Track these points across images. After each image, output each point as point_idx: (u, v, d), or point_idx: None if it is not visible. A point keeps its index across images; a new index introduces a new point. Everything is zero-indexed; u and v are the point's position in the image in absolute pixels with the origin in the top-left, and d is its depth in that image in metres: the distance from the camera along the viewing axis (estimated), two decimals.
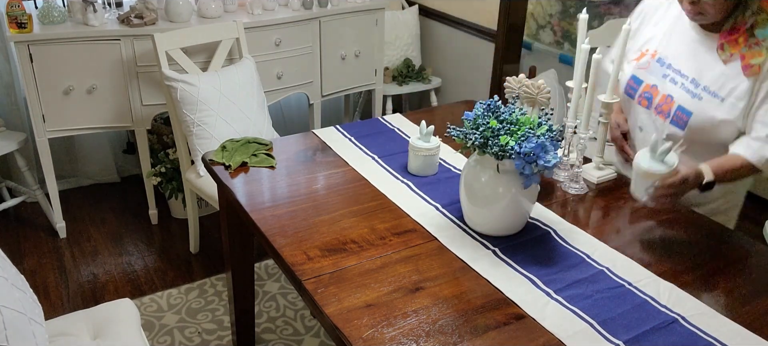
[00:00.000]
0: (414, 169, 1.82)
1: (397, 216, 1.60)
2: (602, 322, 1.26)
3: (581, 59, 1.73)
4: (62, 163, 3.27)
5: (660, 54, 1.77)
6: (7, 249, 2.79)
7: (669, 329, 1.24)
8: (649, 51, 1.81)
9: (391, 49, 3.70)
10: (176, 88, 2.40)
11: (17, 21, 2.46)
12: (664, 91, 1.74)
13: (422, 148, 1.78)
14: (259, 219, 1.57)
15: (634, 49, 1.85)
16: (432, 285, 1.35)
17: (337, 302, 1.28)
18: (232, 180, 1.77)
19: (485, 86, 3.45)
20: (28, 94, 2.57)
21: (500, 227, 1.51)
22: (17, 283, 1.34)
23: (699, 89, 1.66)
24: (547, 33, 3.85)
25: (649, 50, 1.80)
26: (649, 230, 1.62)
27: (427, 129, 1.78)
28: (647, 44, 1.82)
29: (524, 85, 1.81)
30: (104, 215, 3.14)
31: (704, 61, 1.67)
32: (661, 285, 1.37)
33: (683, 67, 1.71)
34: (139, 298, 2.52)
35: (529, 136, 1.37)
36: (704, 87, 1.65)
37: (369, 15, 3.23)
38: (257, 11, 2.91)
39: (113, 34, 2.60)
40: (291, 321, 2.44)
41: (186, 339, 2.33)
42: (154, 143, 3.02)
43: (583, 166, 1.82)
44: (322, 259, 1.41)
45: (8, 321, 1.20)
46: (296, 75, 3.07)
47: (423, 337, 1.20)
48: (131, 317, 1.71)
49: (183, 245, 2.90)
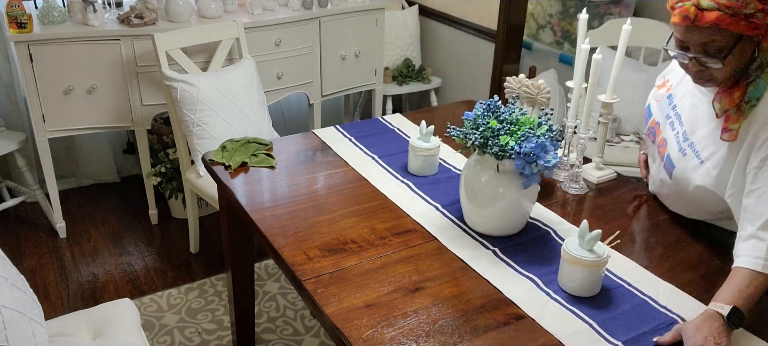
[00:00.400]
0: (414, 169, 1.82)
1: (397, 216, 1.60)
2: (601, 322, 1.26)
3: (581, 59, 1.73)
4: (62, 163, 3.27)
5: (673, 91, 1.63)
6: (7, 249, 2.79)
7: (669, 330, 1.24)
8: (668, 82, 1.68)
9: (391, 49, 3.70)
10: (176, 88, 2.40)
11: (17, 21, 2.46)
12: (663, 133, 1.63)
13: (422, 148, 1.78)
14: (259, 219, 1.57)
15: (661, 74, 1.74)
16: (432, 285, 1.35)
17: (337, 302, 1.28)
18: (232, 180, 1.77)
19: (485, 86, 3.45)
20: (28, 94, 2.57)
21: (500, 227, 1.51)
22: (17, 283, 1.34)
23: (686, 144, 1.52)
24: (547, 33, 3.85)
25: (668, 82, 1.67)
26: (649, 230, 1.62)
27: (427, 129, 1.79)
28: (670, 73, 1.69)
29: (524, 85, 1.82)
30: (104, 215, 3.14)
31: (700, 113, 1.50)
32: (661, 286, 1.37)
33: (683, 114, 1.56)
34: (139, 298, 2.52)
35: (529, 136, 1.37)
36: (691, 143, 1.51)
37: (369, 15, 3.23)
38: (257, 11, 2.91)
39: (113, 34, 2.60)
40: (291, 321, 2.44)
41: (186, 339, 2.33)
42: (154, 143, 3.02)
43: (583, 166, 1.82)
44: (322, 259, 1.41)
45: (8, 321, 1.20)
46: (296, 75, 3.07)
47: (423, 337, 1.20)
48: (131, 317, 1.71)
49: (183, 245, 2.90)
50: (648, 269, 1.43)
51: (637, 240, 1.56)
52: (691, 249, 1.52)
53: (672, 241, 1.56)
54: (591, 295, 1.34)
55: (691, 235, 1.59)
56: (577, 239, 1.34)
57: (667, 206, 1.68)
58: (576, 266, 1.31)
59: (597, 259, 1.30)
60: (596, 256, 1.30)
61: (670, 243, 1.55)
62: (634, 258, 1.47)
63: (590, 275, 1.31)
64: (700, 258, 1.49)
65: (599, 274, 1.33)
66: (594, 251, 1.31)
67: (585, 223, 1.32)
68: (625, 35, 1.66)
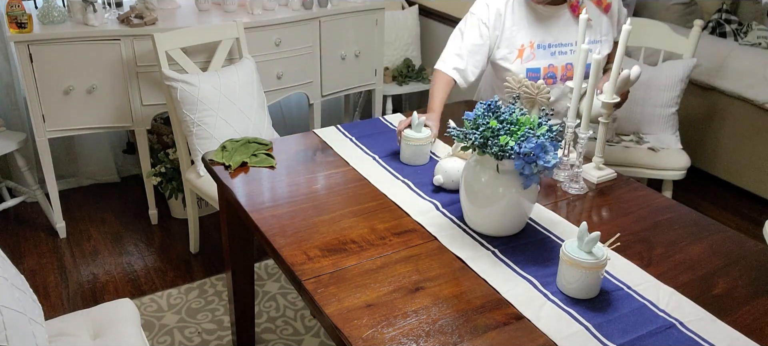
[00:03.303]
0: (405, 159, 1.87)
1: (397, 216, 1.60)
2: (597, 325, 1.26)
3: (581, 59, 1.73)
4: (62, 163, 3.27)
5: (537, 42, 2.08)
6: (7, 249, 2.79)
7: (666, 334, 1.24)
8: (524, 46, 2.09)
9: (391, 49, 3.70)
10: (176, 88, 2.40)
11: (17, 21, 2.46)
12: (562, 63, 2.10)
13: (413, 138, 1.83)
14: (259, 219, 1.57)
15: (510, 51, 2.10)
16: (432, 285, 1.35)
17: (337, 302, 1.28)
18: (232, 180, 1.77)
19: None
20: (28, 94, 2.57)
21: (500, 227, 1.51)
22: (17, 283, 1.34)
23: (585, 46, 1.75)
24: None
25: (525, 44, 2.09)
26: (649, 230, 1.62)
27: (419, 120, 1.84)
28: (517, 41, 2.09)
29: (524, 85, 1.82)
30: (104, 215, 3.14)
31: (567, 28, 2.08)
32: (661, 289, 1.37)
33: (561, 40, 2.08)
34: (139, 298, 2.52)
35: (529, 137, 1.37)
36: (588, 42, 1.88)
37: (369, 15, 3.23)
38: (257, 11, 2.91)
39: (113, 34, 2.60)
40: (291, 321, 2.44)
41: (186, 339, 2.33)
42: (154, 143, 3.02)
43: (583, 166, 1.82)
44: (322, 259, 1.42)
45: (8, 321, 1.20)
46: (296, 75, 3.07)
47: (423, 337, 1.20)
48: (131, 317, 1.71)
49: (183, 245, 2.90)
50: (647, 270, 1.43)
51: (637, 240, 1.56)
52: (691, 249, 1.53)
53: (672, 241, 1.56)
54: (589, 297, 1.33)
55: (691, 235, 1.59)
56: (576, 240, 1.33)
57: None
58: (574, 268, 1.31)
59: (596, 261, 1.29)
60: (595, 258, 1.29)
61: (670, 243, 1.55)
62: (634, 259, 1.47)
63: (589, 277, 1.31)
64: (699, 258, 1.49)
65: (598, 276, 1.32)
66: (593, 253, 1.30)
67: (584, 225, 1.31)
68: (625, 35, 1.67)
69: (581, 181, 1.79)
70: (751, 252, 1.52)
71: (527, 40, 2.09)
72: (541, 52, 2.10)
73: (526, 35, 2.10)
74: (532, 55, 2.09)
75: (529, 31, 2.09)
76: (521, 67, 2.10)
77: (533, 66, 2.10)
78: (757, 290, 1.39)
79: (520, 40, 2.09)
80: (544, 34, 2.09)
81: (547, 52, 2.10)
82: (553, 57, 2.10)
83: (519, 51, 2.09)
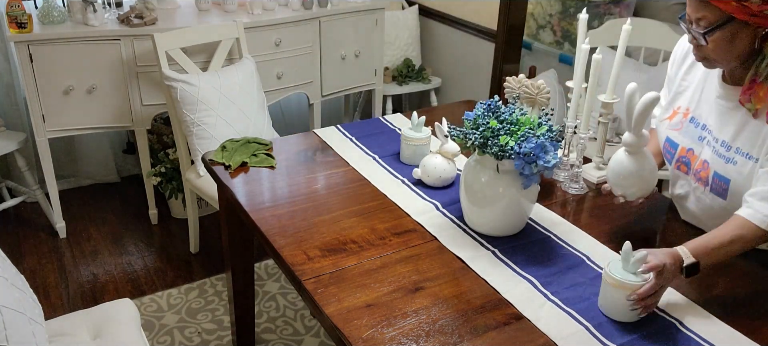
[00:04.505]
0: (405, 159, 1.88)
1: (397, 216, 1.60)
2: (597, 325, 1.26)
3: (581, 59, 1.73)
4: (62, 164, 3.27)
5: (693, 113, 1.57)
6: (7, 249, 2.79)
7: (666, 334, 1.24)
8: (680, 109, 1.61)
9: (391, 49, 3.70)
10: (176, 88, 2.40)
11: (17, 21, 2.46)
12: (701, 156, 1.53)
13: (413, 138, 1.85)
14: (259, 219, 1.57)
15: (666, 106, 1.68)
16: (432, 285, 1.35)
17: (337, 302, 1.28)
18: (232, 180, 1.77)
19: (485, 86, 3.45)
20: (28, 94, 2.57)
21: (500, 227, 1.51)
22: (17, 283, 1.34)
23: (732, 152, 1.45)
24: (547, 33, 3.85)
25: (681, 108, 1.61)
26: (649, 230, 1.62)
27: (418, 120, 1.85)
28: (678, 100, 1.63)
29: (524, 85, 1.82)
30: (104, 215, 3.14)
31: (733, 120, 1.45)
32: None
33: (715, 127, 1.50)
34: (139, 298, 2.52)
35: (529, 137, 1.37)
36: (737, 149, 1.43)
37: (369, 15, 3.23)
38: (257, 11, 2.91)
39: (113, 34, 2.60)
40: (291, 321, 2.44)
41: (186, 339, 2.33)
42: (154, 143, 3.02)
43: (583, 166, 1.82)
44: (322, 259, 1.41)
45: (8, 321, 1.20)
46: (296, 75, 3.07)
47: (423, 337, 1.20)
48: (131, 317, 1.71)
49: (183, 245, 2.90)
50: None
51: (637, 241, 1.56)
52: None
53: (672, 241, 1.56)
54: (636, 320, 1.26)
55: (692, 235, 1.58)
56: (620, 261, 1.26)
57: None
58: (621, 291, 1.23)
59: (643, 283, 1.22)
60: (643, 280, 1.22)
61: (671, 243, 1.54)
62: None
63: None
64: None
65: None
66: (640, 274, 1.23)
67: (628, 244, 1.23)
68: (625, 35, 1.66)
69: (581, 181, 1.79)
70: (751, 252, 1.52)
71: (685, 104, 1.61)
72: (690, 129, 1.58)
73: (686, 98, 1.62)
74: (680, 124, 1.61)
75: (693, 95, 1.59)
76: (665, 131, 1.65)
77: (674, 139, 1.62)
78: (757, 290, 1.39)
79: (677, 101, 1.64)
80: (703, 110, 1.55)
81: (696, 132, 1.56)
82: (699, 142, 1.55)
83: (673, 112, 1.64)
